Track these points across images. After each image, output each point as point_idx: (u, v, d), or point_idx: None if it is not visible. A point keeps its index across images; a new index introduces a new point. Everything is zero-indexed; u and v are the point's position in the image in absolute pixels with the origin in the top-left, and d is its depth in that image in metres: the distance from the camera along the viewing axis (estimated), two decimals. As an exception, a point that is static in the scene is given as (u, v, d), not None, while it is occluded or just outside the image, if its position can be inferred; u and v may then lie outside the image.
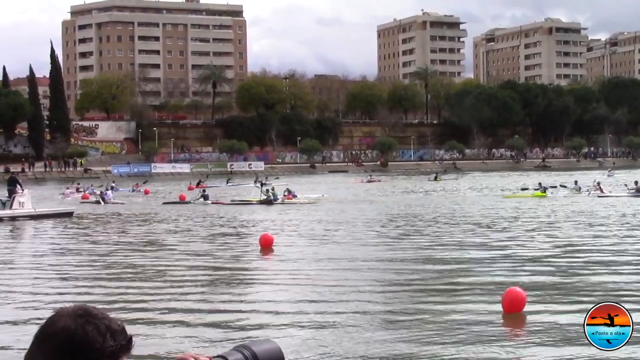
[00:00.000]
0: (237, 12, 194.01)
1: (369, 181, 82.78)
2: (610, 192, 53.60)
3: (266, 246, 25.85)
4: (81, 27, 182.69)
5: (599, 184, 54.85)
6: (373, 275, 19.83)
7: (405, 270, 20.45)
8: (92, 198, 57.48)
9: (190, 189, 70.94)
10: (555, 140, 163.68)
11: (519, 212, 39.98)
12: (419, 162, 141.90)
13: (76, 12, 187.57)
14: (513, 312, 14.39)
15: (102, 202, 53.75)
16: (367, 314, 14.73)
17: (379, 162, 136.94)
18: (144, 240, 29.99)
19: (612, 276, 19.01)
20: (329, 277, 19.31)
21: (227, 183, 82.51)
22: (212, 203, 52.65)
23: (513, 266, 20.99)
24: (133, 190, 70.92)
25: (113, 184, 73.24)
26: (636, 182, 52.01)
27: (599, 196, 50.66)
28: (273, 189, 54.00)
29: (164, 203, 53.60)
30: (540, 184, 55.87)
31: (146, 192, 68.13)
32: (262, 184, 69.18)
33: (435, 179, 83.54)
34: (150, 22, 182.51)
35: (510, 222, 34.78)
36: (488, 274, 19.57)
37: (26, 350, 2.13)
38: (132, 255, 25.01)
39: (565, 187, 56.98)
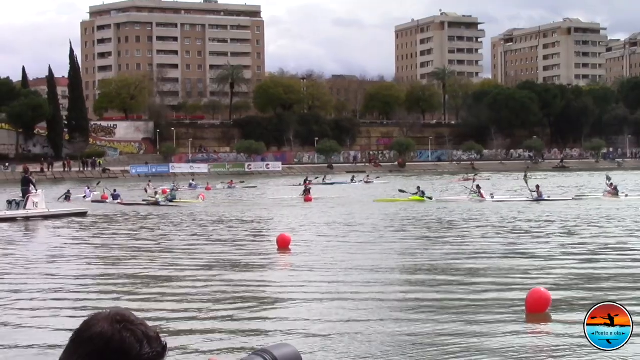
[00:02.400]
0: (255, 13, 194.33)
1: (465, 179, 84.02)
2: (491, 196, 52.10)
3: (283, 246, 25.72)
4: (100, 27, 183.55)
5: (478, 186, 53.78)
6: (392, 275, 19.82)
7: (424, 269, 20.49)
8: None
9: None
10: (574, 141, 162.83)
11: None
12: (437, 163, 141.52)
13: (95, 12, 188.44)
14: (537, 312, 14.39)
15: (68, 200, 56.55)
16: (386, 315, 14.70)
17: (397, 163, 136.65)
18: (157, 241, 29.71)
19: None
20: (347, 278, 19.30)
21: (324, 181, 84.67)
22: (118, 203, 53.38)
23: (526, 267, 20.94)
24: (229, 187, 75.21)
25: (192, 181, 78.04)
26: (537, 187, 51.37)
27: (480, 201, 49.89)
28: (156, 192, 54.68)
29: (92, 201, 55.26)
30: (418, 187, 54.83)
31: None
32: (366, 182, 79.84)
33: (525, 176, 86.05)
34: (169, 22, 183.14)
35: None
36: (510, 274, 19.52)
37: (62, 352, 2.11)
38: (145, 257, 24.83)
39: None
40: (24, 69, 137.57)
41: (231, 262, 23.03)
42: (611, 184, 53.90)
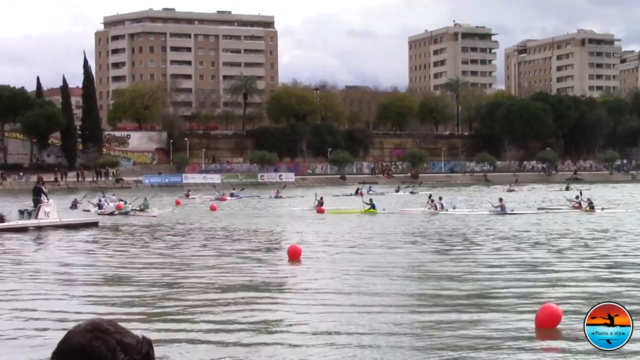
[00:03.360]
0: (268, 23, 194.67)
1: (509, 190, 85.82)
2: (453, 208, 51.82)
3: (294, 257, 25.69)
4: (114, 38, 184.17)
5: (440, 198, 53.47)
6: (403, 289, 19.72)
7: (435, 285, 20.44)
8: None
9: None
10: (588, 152, 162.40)
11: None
12: (449, 174, 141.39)
13: (109, 23, 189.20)
14: (547, 328, 14.24)
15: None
16: (397, 329, 14.63)
17: (409, 174, 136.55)
18: (168, 253, 29.41)
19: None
20: (358, 290, 19.34)
21: (368, 192, 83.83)
22: (99, 213, 53.35)
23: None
24: (277, 197, 76.09)
25: (233, 190, 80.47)
26: (500, 199, 50.96)
27: (433, 213, 49.30)
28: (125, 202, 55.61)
29: (84, 210, 55.59)
30: (371, 200, 55.04)
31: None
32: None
33: (567, 188, 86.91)
34: (182, 33, 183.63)
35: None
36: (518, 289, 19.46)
37: None
38: (155, 268, 24.59)
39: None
40: (38, 79, 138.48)
41: (242, 274, 22.86)
42: (577, 197, 54.33)
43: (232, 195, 76.18)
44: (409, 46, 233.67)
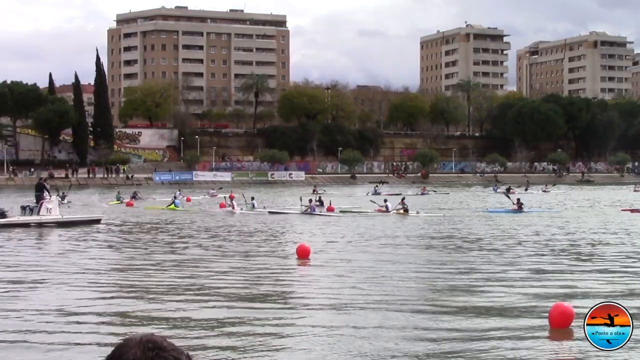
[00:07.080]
0: (280, 22, 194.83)
1: (635, 190, 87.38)
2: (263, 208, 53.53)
3: (303, 257, 25.69)
4: (126, 35, 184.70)
5: (252, 198, 54.98)
6: (412, 288, 19.75)
7: (445, 283, 20.46)
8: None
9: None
10: (599, 154, 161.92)
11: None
12: (460, 175, 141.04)
13: (122, 20, 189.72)
14: (560, 328, 14.17)
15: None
16: (407, 329, 14.60)
17: (420, 174, 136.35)
18: (173, 250, 29.24)
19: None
20: (366, 289, 19.38)
21: (526, 190, 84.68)
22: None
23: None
24: (422, 194, 76.71)
25: (377, 187, 79.96)
26: (310, 200, 52.37)
27: (231, 213, 50.68)
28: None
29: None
30: (175, 196, 57.91)
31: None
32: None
33: None
34: (195, 31, 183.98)
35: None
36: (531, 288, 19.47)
37: None
38: (160, 267, 24.17)
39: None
40: (50, 75, 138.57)
41: (250, 274, 22.77)
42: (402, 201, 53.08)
43: (375, 192, 75.64)
44: (421, 46, 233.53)
